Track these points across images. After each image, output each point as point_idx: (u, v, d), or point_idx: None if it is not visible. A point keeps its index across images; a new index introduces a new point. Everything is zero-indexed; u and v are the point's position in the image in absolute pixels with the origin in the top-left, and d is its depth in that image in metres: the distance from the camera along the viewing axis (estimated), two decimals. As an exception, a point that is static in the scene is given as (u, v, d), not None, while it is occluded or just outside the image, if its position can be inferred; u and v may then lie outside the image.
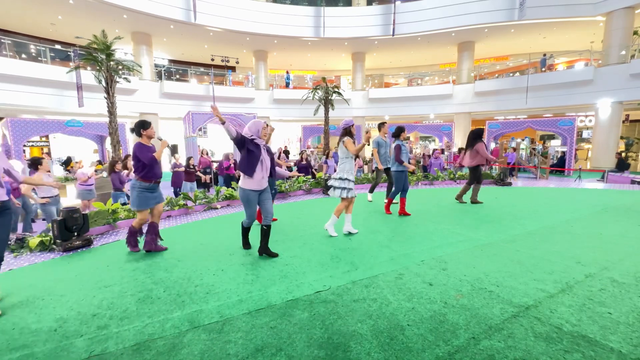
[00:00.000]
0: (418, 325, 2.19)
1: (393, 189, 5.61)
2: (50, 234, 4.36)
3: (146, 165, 3.78)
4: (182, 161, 8.94)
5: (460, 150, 12.10)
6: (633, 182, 9.46)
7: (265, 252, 3.63)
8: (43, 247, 4.24)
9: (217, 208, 6.65)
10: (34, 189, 5.59)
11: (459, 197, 6.52)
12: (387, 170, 6.16)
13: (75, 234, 4.31)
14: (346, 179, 4.18)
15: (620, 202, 6.40)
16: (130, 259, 3.75)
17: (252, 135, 3.50)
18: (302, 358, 1.91)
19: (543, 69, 17.02)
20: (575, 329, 2.10)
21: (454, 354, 1.91)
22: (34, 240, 4.23)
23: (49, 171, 5.43)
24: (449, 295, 2.60)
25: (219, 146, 18.95)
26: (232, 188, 7.44)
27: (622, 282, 2.77)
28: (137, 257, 3.79)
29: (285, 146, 20.06)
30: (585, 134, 19.37)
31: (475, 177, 6.40)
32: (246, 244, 3.91)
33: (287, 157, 15.05)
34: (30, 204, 5.69)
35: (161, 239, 4.13)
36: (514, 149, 13.04)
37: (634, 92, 13.79)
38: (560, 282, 2.79)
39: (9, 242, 4.26)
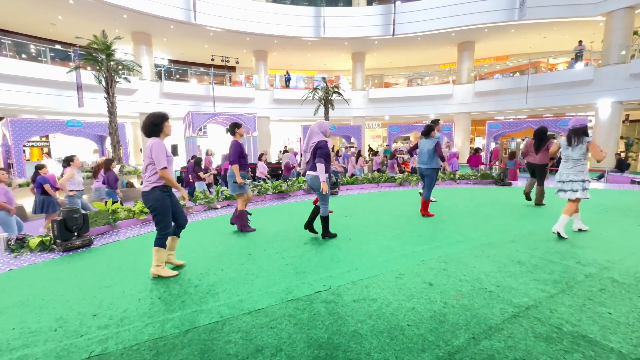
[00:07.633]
0: (418, 326, 2.19)
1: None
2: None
3: None
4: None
5: (477, 150, 11.97)
6: (633, 182, 9.46)
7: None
8: (43, 247, 4.24)
9: (217, 208, 6.66)
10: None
11: (539, 201, 6.14)
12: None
13: (75, 234, 4.31)
14: (588, 180, 4.07)
15: (620, 202, 6.40)
16: (129, 260, 3.75)
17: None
18: (302, 358, 1.91)
19: (575, 63, 16.59)
20: (575, 329, 2.10)
21: (454, 354, 1.90)
22: (34, 240, 4.22)
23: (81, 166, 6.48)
24: (449, 295, 2.60)
25: (219, 146, 18.98)
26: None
27: (622, 282, 2.77)
28: (136, 258, 3.79)
29: (285, 147, 20.02)
30: (585, 134, 19.31)
31: (545, 175, 6.24)
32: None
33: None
34: (55, 201, 6.09)
35: None
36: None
37: (634, 92, 13.79)
38: (560, 282, 2.79)
39: (9, 242, 4.26)
